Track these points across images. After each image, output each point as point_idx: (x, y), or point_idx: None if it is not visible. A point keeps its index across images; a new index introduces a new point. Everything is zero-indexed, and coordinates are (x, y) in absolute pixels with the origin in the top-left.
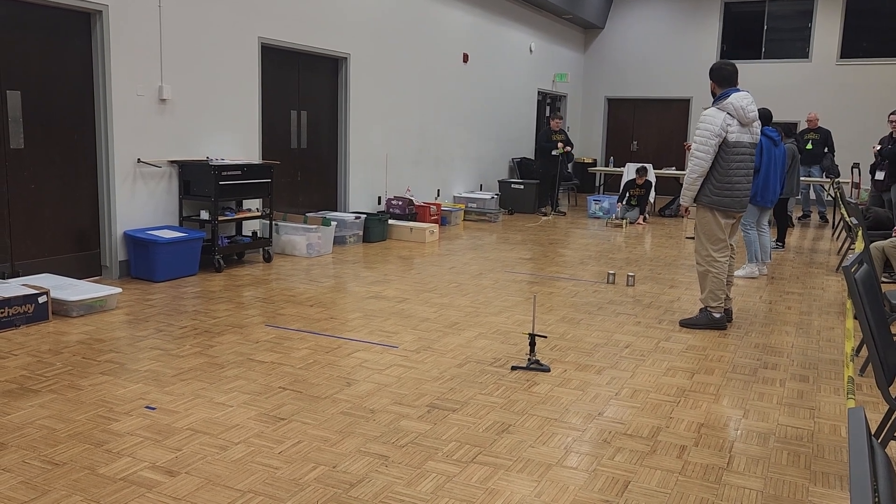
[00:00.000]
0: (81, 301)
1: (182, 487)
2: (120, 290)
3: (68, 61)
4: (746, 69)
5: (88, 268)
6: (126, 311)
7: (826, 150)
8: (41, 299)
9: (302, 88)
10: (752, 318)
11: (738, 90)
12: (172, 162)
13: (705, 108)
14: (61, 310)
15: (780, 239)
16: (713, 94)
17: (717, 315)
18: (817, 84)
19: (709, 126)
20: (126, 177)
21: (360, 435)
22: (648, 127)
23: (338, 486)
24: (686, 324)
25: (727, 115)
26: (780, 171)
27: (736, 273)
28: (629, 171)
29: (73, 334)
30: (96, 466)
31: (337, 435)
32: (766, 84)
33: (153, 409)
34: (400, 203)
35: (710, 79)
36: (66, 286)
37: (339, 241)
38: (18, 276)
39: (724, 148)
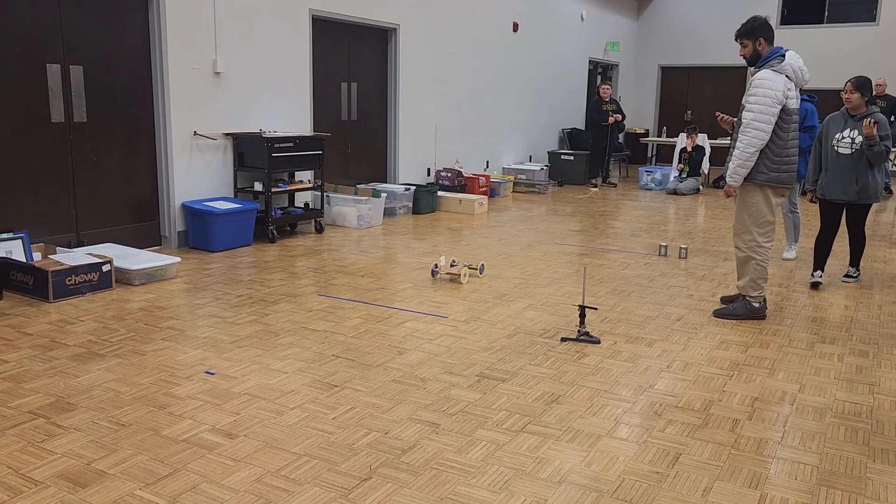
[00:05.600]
0: (143, 270)
1: (241, 450)
2: (179, 259)
3: (127, 36)
4: (808, 34)
5: (149, 238)
6: (185, 279)
7: (893, 118)
8: (105, 268)
9: (352, 60)
10: (809, 291)
11: (787, 49)
12: (227, 134)
13: (755, 71)
14: (124, 278)
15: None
16: (755, 55)
17: (757, 305)
18: (885, 49)
19: (769, 92)
20: (183, 149)
21: (412, 403)
22: (703, 96)
23: (390, 451)
24: (721, 315)
25: (786, 79)
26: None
27: (786, 256)
28: (682, 142)
29: (135, 301)
30: (160, 428)
31: (388, 402)
32: (829, 50)
33: (212, 374)
34: (449, 175)
35: (756, 37)
36: (128, 255)
37: (389, 212)
38: (83, 246)
39: (783, 116)
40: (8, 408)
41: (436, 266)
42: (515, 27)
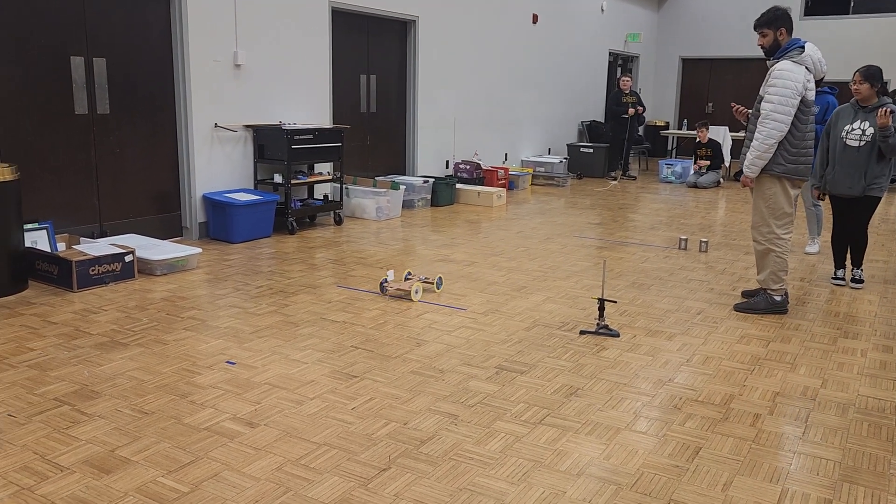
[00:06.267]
0: (164, 260)
1: (262, 438)
2: (200, 250)
3: (150, 29)
4: (834, 26)
5: (170, 229)
6: (206, 270)
7: None
8: (128, 258)
9: (371, 52)
10: (832, 286)
11: (805, 40)
12: (247, 126)
13: (773, 62)
14: (146, 268)
15: None
16: (775, 46)
17: (778, 298)
18: None
19: (789, 83)
20: (204, 141)
21: (430, 394)
22: (725, 88)
23: (409, 442)
24: (742, 309)
25: (806, 70)
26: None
27: (808, 250)
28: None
29: (157, 292)
30: (182, 416)
31: (407, 393)
32: (855, 42)
33: (233, 364)
34: (468, 167)
35: (778, 27)
36: (149, 246)
37: (407, 204)
38: (107, 236)
39: (802, 108)
40: (34, 395)
41: (385, 281)
42: (535, 19)
